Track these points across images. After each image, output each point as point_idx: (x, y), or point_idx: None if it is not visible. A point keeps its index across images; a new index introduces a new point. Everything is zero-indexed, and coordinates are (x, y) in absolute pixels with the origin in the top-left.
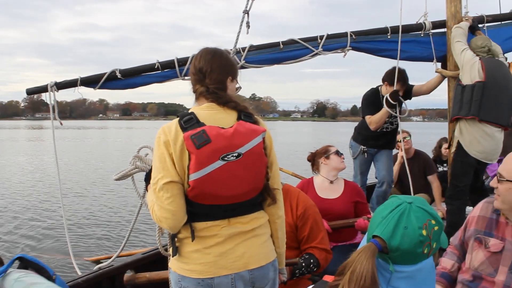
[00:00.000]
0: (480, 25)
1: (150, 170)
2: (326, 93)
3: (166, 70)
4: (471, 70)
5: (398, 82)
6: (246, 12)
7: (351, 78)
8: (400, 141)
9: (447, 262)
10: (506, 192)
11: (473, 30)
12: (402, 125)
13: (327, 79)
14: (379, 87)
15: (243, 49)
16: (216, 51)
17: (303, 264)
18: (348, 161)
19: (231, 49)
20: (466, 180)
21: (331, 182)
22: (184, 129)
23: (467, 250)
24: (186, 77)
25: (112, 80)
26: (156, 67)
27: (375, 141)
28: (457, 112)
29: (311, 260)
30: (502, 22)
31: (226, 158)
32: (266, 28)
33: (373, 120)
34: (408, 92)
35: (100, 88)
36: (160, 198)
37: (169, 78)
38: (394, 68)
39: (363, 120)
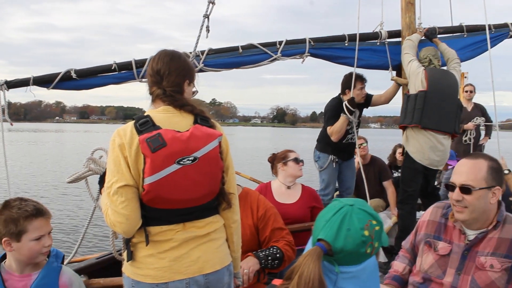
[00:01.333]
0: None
1: (104, 173)
2: (286, 99)
3: (123, 72)
4: (415, 80)
5: (358, 82)
6: (207, 16)
7: (311, 84)
8: (357, 147)
9: (399, 265)
10: (477, 201)
11: (431, 38)
12: (360, 132)
13: (287, 85)
14: (341, 96)
15: (202, 52)
16: (174, 54)
17: (266, 253)
18: (307, 169)
19: (190, 52)
20: (415, 185)
21: (288, 187)
22: (139, 132)
23: (418, 254)
24: (143, 79)
25: (67, 80)
26: (113, 68)
27: (343, 152)
28: (403, 121)
29: (274, 250)
30: (453, 34)
31: (181, 162)
32: (228, 33)
33: (334, 131)
34: (368, 100)
35: (54, 88)
36: (114, 202)
37: (126, 80)
38: (350, 73)
39: (326, 132)
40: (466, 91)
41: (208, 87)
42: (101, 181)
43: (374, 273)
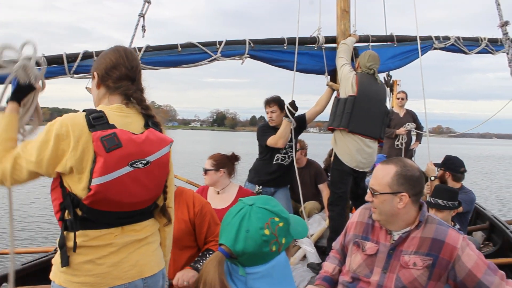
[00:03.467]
0: (365, 44)
1: (28, 84)
2: (227, 103)
3: (53, 66)
4: (346, 84)
5: (266, 106)
6: (142, 15)
7: (251, 88)
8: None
9: (329, 266)
10: (381, 205)
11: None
12: (301, 136)
13: (228, 89)
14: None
15: (139, 49)
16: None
17: (203, 262)
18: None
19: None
20: (344, 187)
21: (218, 192)
22: (92, 126)
23: (347, 254)
24: (75, 75)
25: None
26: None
27: (270, 176)
28: (331, 123)
29: (211, 254)
30: (384, 43)
31: (134, 165)
32: (169, 35)
33: (278, 136)
34: (301, 121)
35: None
36: (14, 167)
37: (56, 75)
38: (277, 97)
39: (257, 160)
40: (398, 98)
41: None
42: (19, 90)
43: (286, 269)
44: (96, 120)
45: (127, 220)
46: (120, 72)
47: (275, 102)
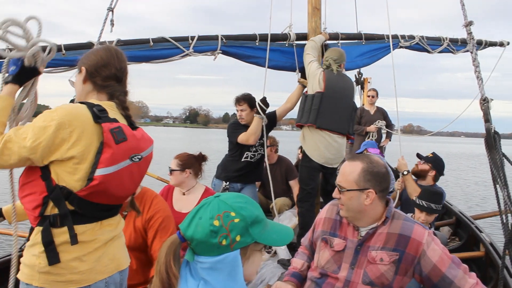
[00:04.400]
0: (335, 42)
1: (33, 68)
2: (200, 100)
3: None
4: (313, 81)
5: (236, 105)
6: (111, 9)
7: (224, 85)
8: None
9: (297, 262)
10: (349, 201)
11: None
12: (273, 133)
13: (201, 85)
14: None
15: (110, 43)
16: None
17: None
18: None
19: (95, 42)
20: (313, 183)
21: (184, 193)
22: (98, 118)
23: (316, 250)
24: (45, 69)
25: None
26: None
27: (238, 172)
28: (299, 120)
29: None
30: (353, 41)
31: (133, 159)
32: (143, 30)
33: (249, 132)
34: (272, 118)
35: None
36: (1, 151)
37: None
38: (247, 95)
39: (226, 156)
40: (369, 96)
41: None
42: (21, 73)
43: (234, 269)
44: (101, 112)
45: (106, 214)
46: (109, 72)
47: (245, 100)
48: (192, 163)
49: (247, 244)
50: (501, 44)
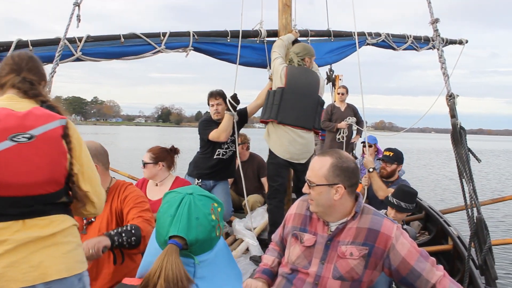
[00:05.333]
0: (305, 39)
1: None
2: (172, 98)
3: None
4: (276, 77)
5: (210, 99)
6: (77, 4)
7: (197, 83)
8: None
9: (268, 258)
10: (318, 196)
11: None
12: (246, 131)
13: (174, 84)
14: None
15: (80, 39)
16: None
17: (119, 230)
18: None
19: (64, 38)
20: (281, 179)
21: (157, 184)
22: None
23: (286, 246)
24: None
25: None
26: None
27: (210, 170)
28: (262, 116)
29: (129, 227)
30: (322, 38)
31: (15, 139)
32: (114, 28)
33: (220, 130)
34: (243, 114)
35: None
36: None
37: None
38: (222, 90)
39: (198, 154)
40: (339, 93)
41: (90, 84)
42: None
43: (226, 254)
44: None
45: (26, 210)
46: (6, 71)
47: (220, 95)
48: (164, 156)
49: (223, 228)
50: (460, 42)
